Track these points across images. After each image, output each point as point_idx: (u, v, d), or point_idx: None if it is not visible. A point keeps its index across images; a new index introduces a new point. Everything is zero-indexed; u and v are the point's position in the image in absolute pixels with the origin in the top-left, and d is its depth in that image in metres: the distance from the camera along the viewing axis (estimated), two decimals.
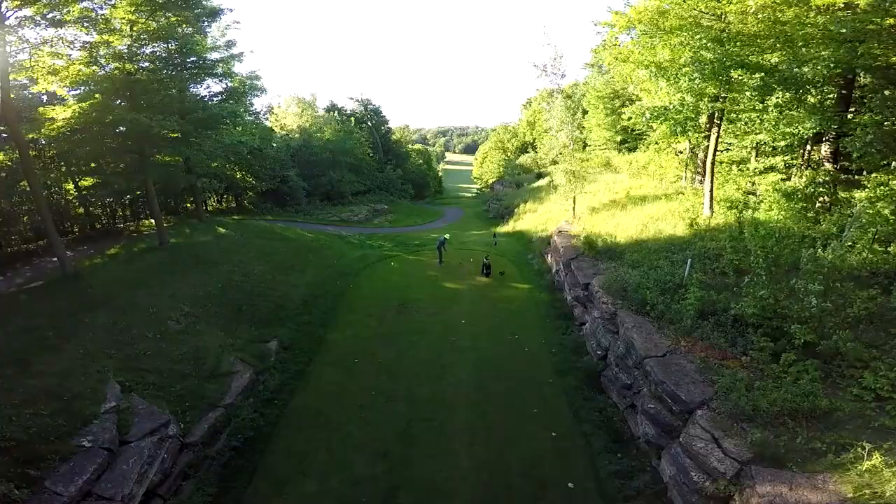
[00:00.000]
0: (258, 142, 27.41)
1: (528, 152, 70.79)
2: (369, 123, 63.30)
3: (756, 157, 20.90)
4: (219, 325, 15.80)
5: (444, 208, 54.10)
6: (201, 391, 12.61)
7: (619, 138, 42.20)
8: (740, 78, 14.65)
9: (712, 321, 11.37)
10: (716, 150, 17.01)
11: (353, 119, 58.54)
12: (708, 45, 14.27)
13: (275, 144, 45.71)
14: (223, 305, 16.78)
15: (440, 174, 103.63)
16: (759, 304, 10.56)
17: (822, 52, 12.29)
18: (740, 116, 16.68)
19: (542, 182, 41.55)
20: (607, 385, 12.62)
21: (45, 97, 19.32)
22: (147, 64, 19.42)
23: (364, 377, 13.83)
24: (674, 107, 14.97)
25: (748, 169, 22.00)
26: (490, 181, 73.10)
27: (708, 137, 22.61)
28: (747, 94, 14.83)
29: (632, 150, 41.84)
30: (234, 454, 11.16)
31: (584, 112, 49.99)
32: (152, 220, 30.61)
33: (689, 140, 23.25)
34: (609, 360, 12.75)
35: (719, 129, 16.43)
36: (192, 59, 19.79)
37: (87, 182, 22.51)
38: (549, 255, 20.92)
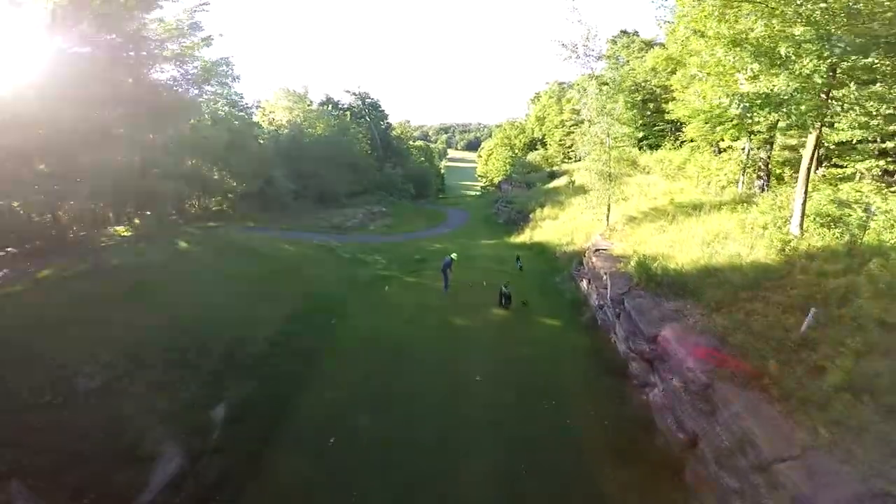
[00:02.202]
0: (227, 135, 23.17)
1: (536, 149, 66.91)
2: (367, 119, 59.17)
3: (818, 159, 16.82)
4: (149, 383, 11.87)
5: (448, 209, 49.92)
6: (108, 482, 8.86)
7: (640, 134, 38.31)
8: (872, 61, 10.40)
9: (872, 404, 7.37)
10: (816, 149, 12.79)
11: (349, 114, 54.47)
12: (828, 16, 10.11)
13: (262, 141, 41.98)
14: (160, 353, 12.79)
15: (443, 171, 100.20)
16: None
17: None
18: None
19: (558, 182, 37.27)
20: (697, 483, 8.63)
21: None
22: (73, 47, 15.30)
23: (342, 467, 9.81)
24: (792, 94, 10.56)
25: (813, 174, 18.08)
26: (496, 180, 68.99)
27: (771, 135, 18.63)
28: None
29: (653, 147, 37.84)
30: None
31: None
32: (118, 228, 26.99)
33: (750, 139, 19.10)
34: (702, 452, 8.77)
35: (822, 122, 12.18)
36: (120, 39, 15.53)
37: None
38: (585, 281, 16.72)
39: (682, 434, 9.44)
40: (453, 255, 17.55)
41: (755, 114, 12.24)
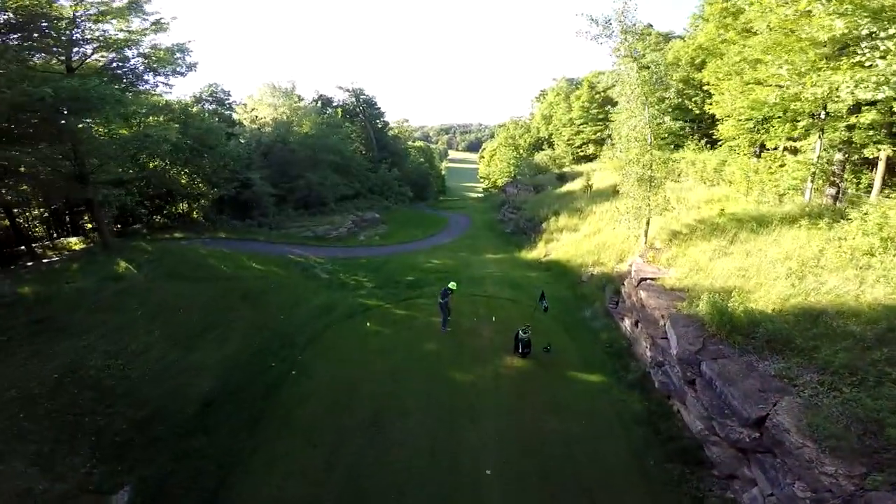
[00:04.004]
0: (174, 132, 19.81)
1: (543, 149, 63.67)
2: (362, 116, 55.94)
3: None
4: (28, 455, 8.78)
5: (449, 214, 46.47)
6: None
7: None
8: None
9: None
10: None
11: (339, 110, 51.32)
12: None
13: (243, 140, 38.84)
14: (48, 415, 9.57)
15: (443, 172, 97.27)
16: None
17: None
18: None
19: (572, 186, 33.79)
20: None
21: None
22: None
23: None
24: None
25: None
26: (499, 181, 65.77)
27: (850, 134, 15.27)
28: None
29: (670, 147, 34.67)
30: None
31: (615, 104, 43.03)
32: (71, 240, 23.65)
33: (821, 137, 15.69)
34: None
35: None
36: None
37: None
38: (628, 320, 13.20)
39: None
40: (451, 285, 13.97)
41: None
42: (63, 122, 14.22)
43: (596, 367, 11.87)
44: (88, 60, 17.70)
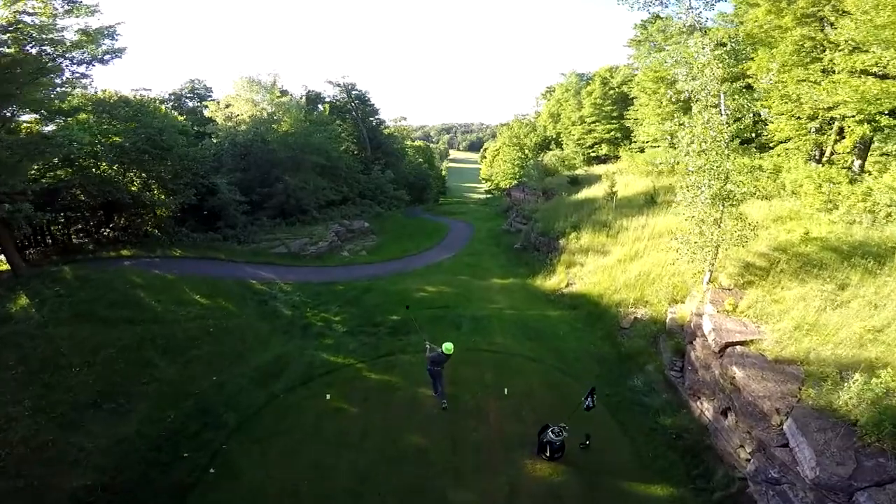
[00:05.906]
0: (85, 133, 16.60)
1: (550, 149, 60.46)
2: (353, 113, 52.73)
3: None
4: None
5: (448, 221, 42.82)
6: None
7: None
8: None
9: None
10: None
11: (327, 107, 48.22)
12: None
13: (215, 139, 35.57)
14: None
15: (444, 173, 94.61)
16: None
17: None
18: None
19: (589, 192, 30.13)
20: None
21: None
22: None
23: None
24: None
25: None
26: (503, 184, 62.61)
27: None
28: None
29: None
30: None
31: (630, 101, 40.06)
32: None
33: None
34: None
35: None
36: None
37: None
38: (705, 400, 9.53)
39: None
40: (446, 348, 10.10)
41: None
42: None
43: (659, 472, 8.23)
44: None
